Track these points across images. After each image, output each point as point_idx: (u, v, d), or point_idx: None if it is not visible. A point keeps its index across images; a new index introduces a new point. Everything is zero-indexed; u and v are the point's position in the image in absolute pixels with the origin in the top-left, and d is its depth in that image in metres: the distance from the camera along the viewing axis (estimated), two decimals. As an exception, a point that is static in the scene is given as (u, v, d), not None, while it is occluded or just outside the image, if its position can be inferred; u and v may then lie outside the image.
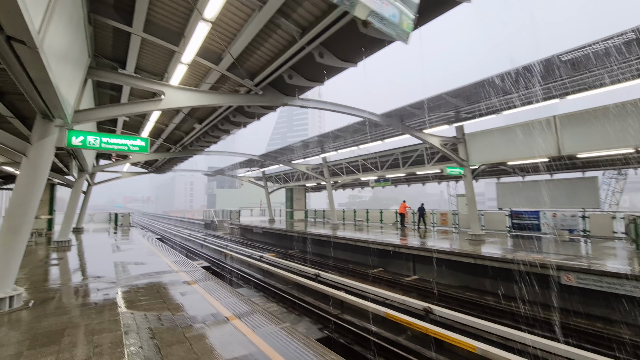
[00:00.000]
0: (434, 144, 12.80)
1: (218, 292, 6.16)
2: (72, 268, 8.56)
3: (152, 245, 13.41)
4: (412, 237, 15.18)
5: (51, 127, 5.43)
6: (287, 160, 20.69)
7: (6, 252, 4.99)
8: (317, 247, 17.85)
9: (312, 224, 26.44)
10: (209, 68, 7.67)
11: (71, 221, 13.19)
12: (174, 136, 15.03)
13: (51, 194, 19.59)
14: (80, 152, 9.93)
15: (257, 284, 11.95)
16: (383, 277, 12.38)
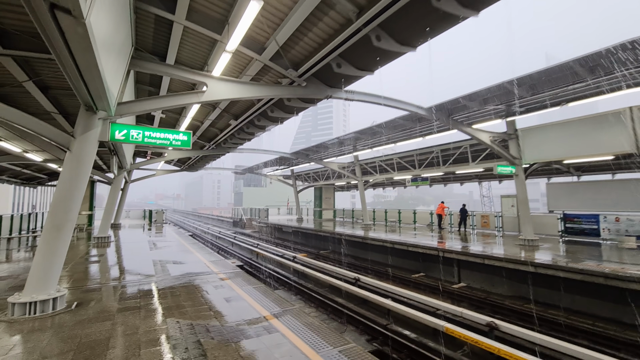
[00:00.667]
0: (483, 140, 11.74)
1: (263, 300, 5.67)
2: (111, 266, 8.45)
3: (186, 243, 13.32)
4: (453, 240, 14.13)
5: (94, 120, 5.15)
6: (319, 158, 20.16)
7: (50, 251, 4.75)
8: (350, 249, 17.18)
9: (341, 223, 25.79)
10: (251, 59, 7.22)
11: (110, 217, 13.37)
12: (209, 133, 14.90)
13: (91, 191, 20.27)
14: (120, 149, 9.89)
15: (291, 285, 11.50)
16: (426, 283, 11.51)
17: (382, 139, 14.92)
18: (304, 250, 19.33)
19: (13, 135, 8.35)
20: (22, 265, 8.47)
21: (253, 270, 14.62)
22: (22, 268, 8.02)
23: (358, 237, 16.41)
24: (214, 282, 6.79)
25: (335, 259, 16.26)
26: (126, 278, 7.02)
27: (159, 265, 8.47)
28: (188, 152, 15.82)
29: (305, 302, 10.02)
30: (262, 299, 5.68)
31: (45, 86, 6.89)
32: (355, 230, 19.46)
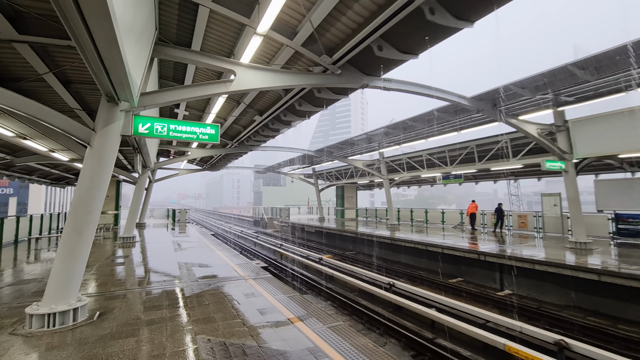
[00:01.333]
0: (530, 133, 10.64)
1: (299, 310, 5.05)
2: (136, 269, 8.10)
3: (210, 243, 12.97)
4: (491, 242, 13.06)
5: (116, 112, 4.68)
6: (343, 155, 19.43)
7: (70, 257, 4.31)
8: (378, 250, 16.36)
9: (365, 223, 24.95)
10: (281, 45, 6.61)
11: (135, 217, 13.21)
12: (231, 131, 14.50)
13: (117, 190, 20.46)
14: (144, 147, 9.58)
15: (318, 288, 10.86)
16: (466, 289, 10.57)
17: (411, 135, 14.00)
18: (328, 251, 18.68)
19: (38, 134, 8.16)
20: (49, 267, 8.27)
21: (278, 272, 14.11)
22: (48, 270, 7.80)
23: (386, 238, 15.57)
24: (243, 289, 6.23)
25: (363, 261, 15.51)
26: (151, 283, 6.59)
27: (185, 268, 8.04)
28: (210, 151, 15.51)
29: (337, 308, 9.34)
30: (297, 309, 5.05)
31: (67, 80, 6.55)
32: (382, 231, 18.62)
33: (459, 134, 13.38)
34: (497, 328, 7.03)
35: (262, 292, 6.00)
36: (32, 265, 8.57)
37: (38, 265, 8.57)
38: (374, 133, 13.80)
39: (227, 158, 21.68)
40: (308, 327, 4.33)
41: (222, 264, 8.72)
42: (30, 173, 16.18)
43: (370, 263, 14.86)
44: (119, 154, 13.47)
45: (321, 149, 18.20)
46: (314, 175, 29.40)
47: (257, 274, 7.54)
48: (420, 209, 25.41)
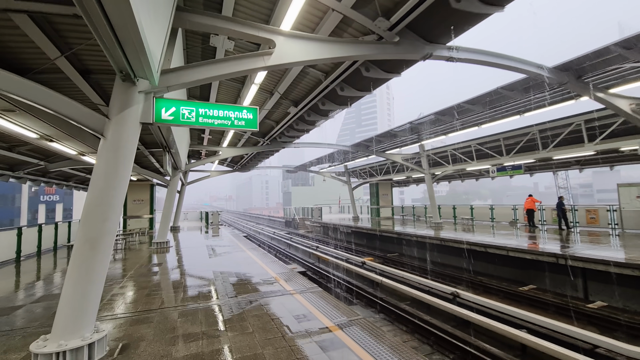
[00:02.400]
0: (622, 109, 8.72)
1: (371, 345, 3.85)
2: (168, 281, 7.28)
3: (245, 247, 12.13)
4: (562, 242, 11.13)
5: (134, 94, 3.73)
6: (381, 150, 18.00)
7: (84, 278, 3.41)
8: (425, 252, 14.81)
9: (402, 222, 23.32)
10: (325, 10, 5.44)
11: (168, 221, 12.69)
12: (263, 127, 13.61)
13: (151, 194, 20.40)
14: (173, 145, 8.83)
15: (365, 296, 9.61)
16: (544, 299, 8.86)
17: (466, 120, 12.28)
18: (367, 253, 17.36)
19: (63, 135, 7.62)
20: (79, 278, 7.70)
21: (317, 277, 13.02)
22: (77, 281, 7.21)
23: (434, 238, 13.98)
24: (290, 306, 5.14)
25: (409, 265, 14.04)
26: (185, 299, 5.69)
27: (221, 279, 7.12)
28: (241, 150, 14.73)
29: (393, 323, 8.04)
30: (363, 338, 3.85)
31: (86, 69, 5.78)
32: (426, 230, 17.00)
33: (519, 118, 11.56)
34: (614, 357, 5.43)
35: (315, 313, 4.86)
36: (60, 277, 8.07)
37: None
38: (420, 121, 12.27)
39: (257, 157, 20.99)
40: None
41: (260, 273, 7.73)
42: (67, 179, 16.30)
43: (418, 267, 13.37)
44: (151, 156, 13.04)
45: (358, 144, 16.89)
46: (346, 173, 28.13)
47: (304, 287, 6.44)
48: (464, 205, 23.38)
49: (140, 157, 14.67)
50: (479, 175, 21.81)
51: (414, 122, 12.37)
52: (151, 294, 6.03)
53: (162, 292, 6.18)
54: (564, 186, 55.13)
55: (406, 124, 12.57)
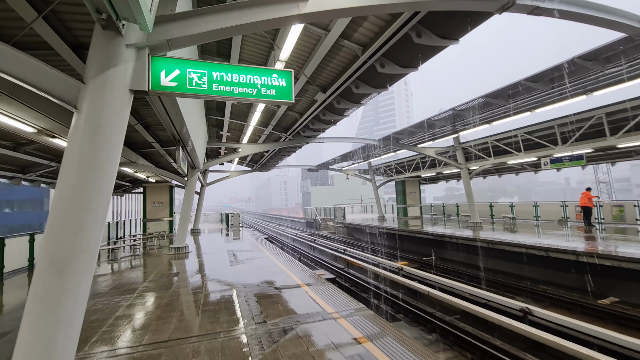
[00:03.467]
0: None
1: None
2: (184, 299, 6.19)
3: (270, 253, 11.00)
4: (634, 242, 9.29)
5: (120, 48, 2.57)
6: (411, 143, 16.47)
7: (47, 317, 2.26)
8: (467, 256, 13.19)
9: (433, 221, 21.60)
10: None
11: (187, 224, 11.75)
12: (285, 121, 12.46)
13: (170, 195, 19.75)
14: (188, 140, 7.78)
15: (409, 310, 8.22)
16: (635, 317, 7.16)
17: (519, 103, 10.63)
18: (399, 257, 15.88)
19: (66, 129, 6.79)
20: (85, 292, 6.77)
21: (349, 285, 11.73)
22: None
23: (480, 240, 12.33)
24: (339, 340, 3.87)
25: (451, 271, 12.48)
26: (202, 325, 4.54)
27: (244, 295, 5.95)
28: (263, 146, 13.64)
29: (452, 347, 6.61)
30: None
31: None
32: (464, 230, 15.34)
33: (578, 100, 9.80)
34: None
35: (377, 355, 3.55)
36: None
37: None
38: (467, 106, 10.68)
39: (278, 155, 19.92)
40: None
41: (290, 285, 6.51)
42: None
43: (464, 274, 11.79)
44: (168, 155, 12.18)
45: (387, 137, 15.44)
46: (370, 171, 26.66)
47: (346, 307, 5.15)
48: (503, 203, 21.40)
49: (156, 156, 13.87)
50: (520, 170, 19.79)
51: (457, 108, 10.80)
52: (162, 317, 4.92)
53: (175, 314, 5.06)
54: (604, 180, 51.18)
55: (448, 110, 11.01)
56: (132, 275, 8.18)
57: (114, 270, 9.08)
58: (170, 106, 5.81)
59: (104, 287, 6.98)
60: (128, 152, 10.58)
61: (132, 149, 11.19)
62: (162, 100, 5.59)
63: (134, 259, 11.05)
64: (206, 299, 5.76)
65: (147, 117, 8.33)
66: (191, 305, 5.48)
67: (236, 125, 13.74)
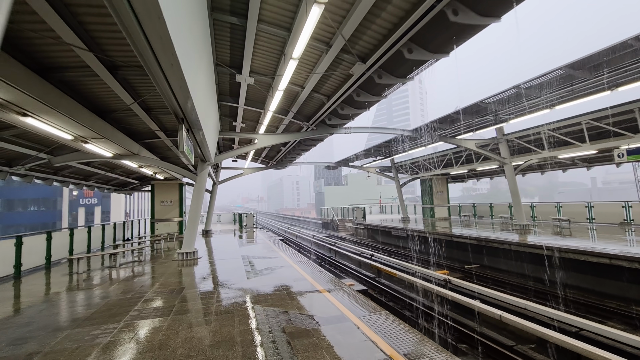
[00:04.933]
0: None
1: None
2: (190, 330, 4.51)
3: (292, 260, 9.28)
4: None
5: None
6: (449, 135, 14.48)
7: None
8: (522, 265, 11.16)
9: (465, 223, 19.49)
10: None
11: (195, 226, 10.16)
12: (309, 106, 10.74)
13: (180, 194, 18.32)
14: (196, 123, 6.14)
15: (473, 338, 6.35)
16: None
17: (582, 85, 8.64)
18: (435, 264, 13.94)
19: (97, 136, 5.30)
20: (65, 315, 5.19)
21: (385, 299, 9.91)
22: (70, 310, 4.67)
23: (541, 247, 10.27)
24: None
25: (507, 283, 10.50)
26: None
27: (269, 329, 4.23)
28: (282, 137, 11.93)
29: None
30: None
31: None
32: (509, 234, 13.30)
33: None
34: None
35: None
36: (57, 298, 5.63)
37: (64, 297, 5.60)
38: (532, 84, 8.68)
39: (295, 150, 18.20)
40: None
41: (331, 314, 4.77)
42: (87, 178, 14.48)
43: (525, 287, 9.80)
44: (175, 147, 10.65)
45: (419, 128, 13.45)
46: (393, 168, 24.69)
47: (407, 342, 3.37)
48: (548, 203, 19.09)
49: (164, 150, 12.36)
50: (568, 166, 17.50)
51: (521, 84, 8.77)
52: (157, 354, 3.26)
53: (177, 353, 3.39)
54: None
55: (510, 88, 9.00)
56: (127, 290, 6.60)
57: (110, 281, 7.54)
58: (171, 73, 4.18)
59: (87, 309, 5.40)
60: (128, 142, 9.06)
61: (134, 139, 9.68)
62: (161, 66, 3.94)
63: (136, 266, 9.53)
64: (215, 337, 4.06)
65: (143, 92, 6.73)
66: (195, 346, 3.80)
67: (252, 114, 12.09)
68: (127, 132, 9.21)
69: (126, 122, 8.44)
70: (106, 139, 7.70)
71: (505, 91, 9.14)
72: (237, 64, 8.15)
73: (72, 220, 42.27)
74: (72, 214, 42.30)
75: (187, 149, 5.58)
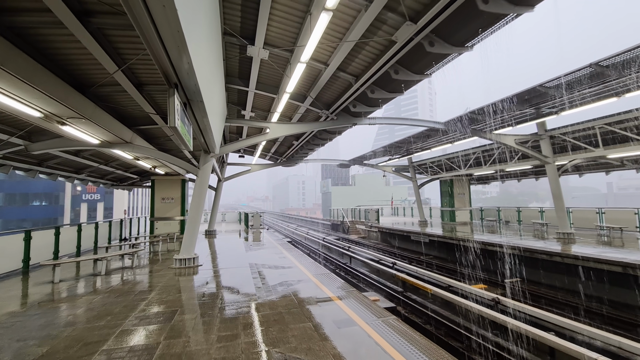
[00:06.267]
0: None
1: None
2: None
3: (311, 273, 7.71)
4: None
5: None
6: (484, 129, 12.77)
7: None
8: (572, 282, 9.44)
9: (491, 229, 17.73)
10: None
11: (196, 227, 8.64)
12: (330, 90, 9.17)
13: (182, 191, 16.87)
14: (196, 93, 4.64)
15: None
16: None
17: None
18: (466, 276, 12.26)
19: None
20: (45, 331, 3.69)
21: (421, 320, 8.29)
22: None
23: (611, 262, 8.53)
24: None
25: (564, 303, 8.81)
26: None
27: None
28: (298, 127, 10.35)
29: None
30: None
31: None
32: (553, 244, 11.59)
33: None
34: None
35: None
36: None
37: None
38: (610, 62, 6.98)
39: (308, 145, 16.63)
40: None
41: (364, 346, 3.20)
42: (79, 171, 13.06)
43: (599, 313, 8.11)
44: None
45: (457, 119, 11.75)
46: (410, 167, 22.99)
47: None
48: (588, 209, 17.21)
49: (164, 140, 10.88)
50: (614, 167, 15.65)
51: (600, 62, 7.06)
52: None
53: None
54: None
55: (584, 67, 7.28)
56: (102, 313, 5.08)
57: (86, 297, 6.04)
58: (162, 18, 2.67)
59: (38, 346, 3.88)
60: (118, 126, 7.57)
61: (127, 124, 8.19)
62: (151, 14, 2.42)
63: (126, 273, 8.06)
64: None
65: (130, 56, 5.20)
66: None
67: (263, 100, 10.55)
68: (117, 116, 7.72)
69: (114, 100, 6.95)
70: (87, 120, 6.20)
71: (577, 71, 7.44)
72: (249, 32, 6.64)
73: (75, 216, 41.25)
74: (74, 209, 41.29)
75: (181, 126, 4.05)
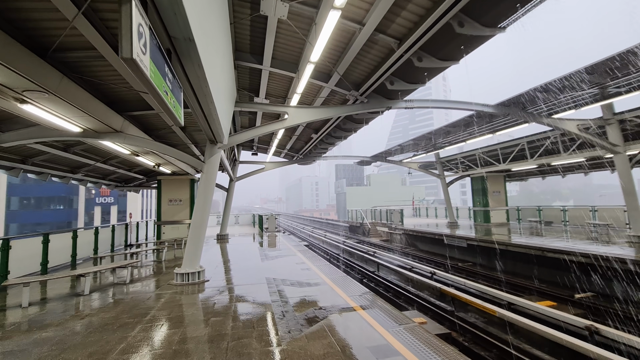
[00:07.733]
0: None
1: None
2: None
3: (343, 292, 5.97)
4: None
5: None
6: (541, 112, 10.72)
7: None
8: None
9: (535, 231, 15.54)
10: None
11: (201, 234, 7.04)
12: (361, 66, 7.43)
13: (191, 192, 15.43)
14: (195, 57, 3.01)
15: None
16: None
17: None
18: (521, 288, 10.25)
19: None
20: None
21: (487, 353, 6.42)
22: None
23: None
24: None
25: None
26: None
27: None
28: (321, 111, 8.59)
29: None
30: None
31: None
32: (627, 249, 9.47)
33: None
34: None
35: None
36: None
37: None
38: None
39: (328, 139, 14.91)
40: None
41: None
42: (74, 170, 11.74)
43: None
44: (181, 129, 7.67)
45: (514, 98, 9.77)
46: (438, 164, 20.96)
47: None
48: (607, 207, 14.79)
49: (165, 132, 9.37)
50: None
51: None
52: None
53: None
54: None
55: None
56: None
57: (51, 330, 4.48)
58: None
59: None
60: (102, 109, 6.05)
61: (116, 109, 6.67)
62: None
63: (115, 292, 6.53)
64: None
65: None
66: None
67: (279, 82, 8.87)
68: (102, 97, 6.21)
69: (89, 71, 5.40)
70: (53, 96, 4.67)
71: None
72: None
73: (89, 219, 40.88)
74: (88, 213, 40.92)
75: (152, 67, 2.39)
